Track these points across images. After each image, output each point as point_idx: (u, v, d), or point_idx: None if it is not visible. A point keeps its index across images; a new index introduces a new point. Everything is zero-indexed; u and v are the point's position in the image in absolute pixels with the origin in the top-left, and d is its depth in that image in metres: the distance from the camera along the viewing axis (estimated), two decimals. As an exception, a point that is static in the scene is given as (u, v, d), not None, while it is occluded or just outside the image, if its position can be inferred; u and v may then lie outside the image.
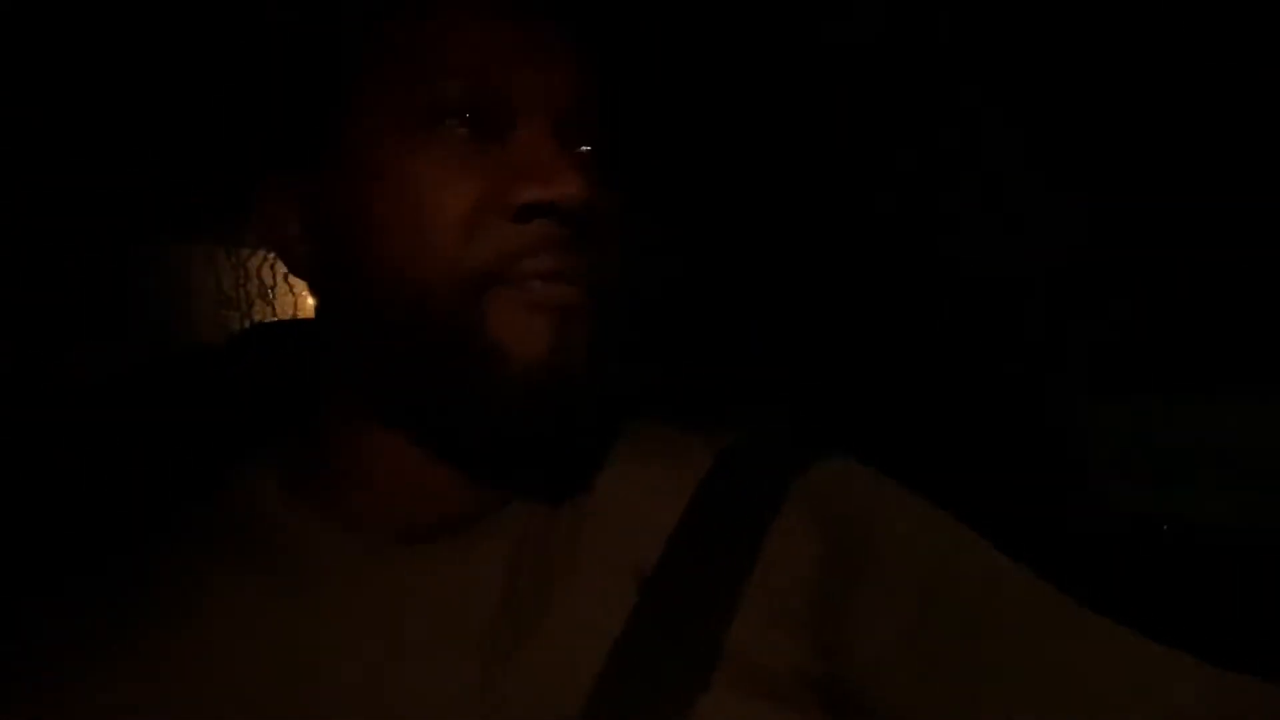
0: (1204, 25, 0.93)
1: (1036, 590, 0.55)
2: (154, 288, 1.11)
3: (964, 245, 1.12)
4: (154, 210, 1.01)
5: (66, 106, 0.82)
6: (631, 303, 0.56)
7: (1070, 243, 1.07)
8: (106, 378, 0.72)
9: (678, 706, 0.49)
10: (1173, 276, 1.02)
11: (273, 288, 1.17)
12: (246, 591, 0.51)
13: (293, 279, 1.43)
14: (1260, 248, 0.96)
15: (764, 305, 1.11)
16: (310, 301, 0.58)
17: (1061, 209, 1.06)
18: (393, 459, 0.54)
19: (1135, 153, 1.02)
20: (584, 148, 0.54)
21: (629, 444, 0.60)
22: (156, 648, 0.49)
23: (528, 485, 0.55)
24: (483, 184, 0.50)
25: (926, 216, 1.11)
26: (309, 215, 0.54)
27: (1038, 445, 1.11)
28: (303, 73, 0.56)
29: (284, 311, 1.17)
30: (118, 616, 0.51)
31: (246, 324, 1.18)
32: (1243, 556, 0.95)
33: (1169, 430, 1.04)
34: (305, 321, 0.65)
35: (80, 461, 0.63)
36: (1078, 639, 0.53)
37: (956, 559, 0.56)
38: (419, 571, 0.52)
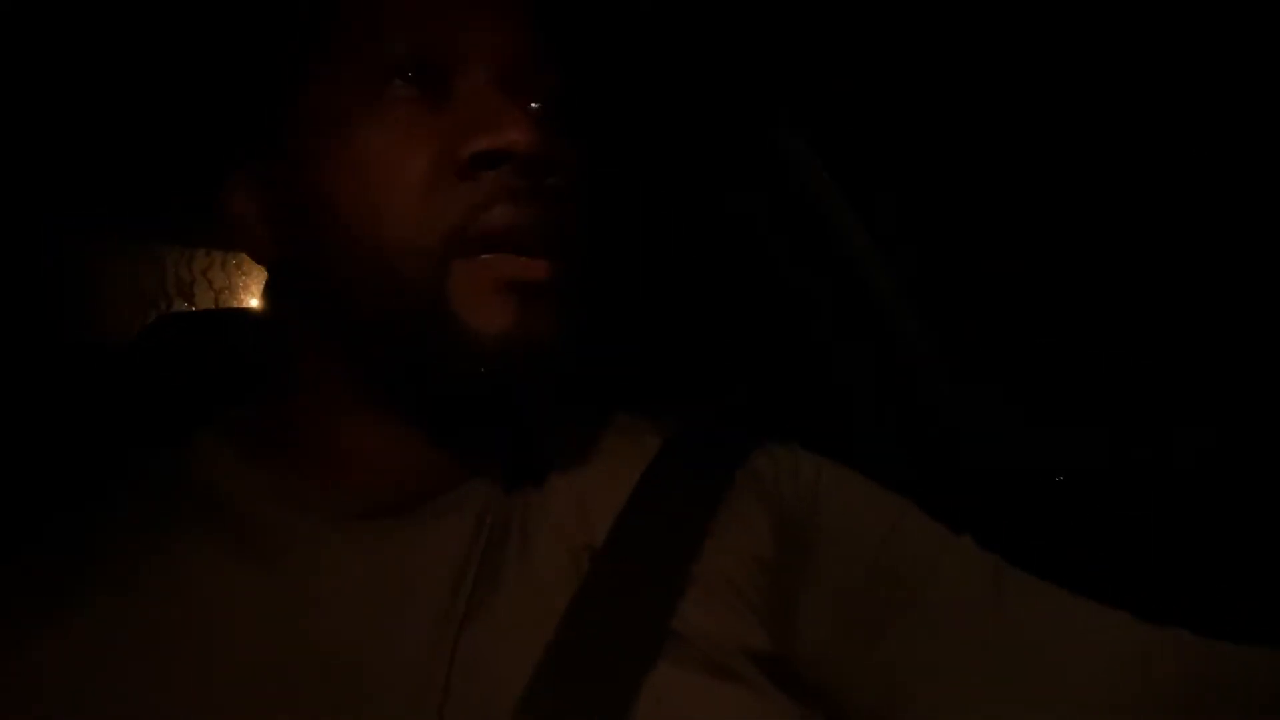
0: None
1: (981, 563, 0.56)
2: (72, 288, 1.11)
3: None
4: (73, 210, 1.00)
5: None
6: (591, 281, 0.56)
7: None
8: (33, 362, 0.73)
9: (625, 681, 0.49)
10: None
11: (191, 283, 1.19)
12: (198, 557, 0.51)
13: (210, 275, 1.44)
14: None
15: (713, 292, 1.11)
16: (237, 297, 0.60)
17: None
18: (351, 435, 0.54)
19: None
20: (535, 101, 0.53)
21: (585, 426, 0.61)
22: (104, 608, 0.49)
23: (485, 464, 0.55)
24: (434, 143, 0.49)
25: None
26: (269, 196, 0.54)
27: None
28: (256, 48, 0.56)
29: (204, 307, 1.19)
30: (66, 578, 0.51)
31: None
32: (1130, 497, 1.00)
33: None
34: (222, 312, 0.68)
35: (20, 431, 0.64)
36: (1023, 607, 0.54)
37: (900, 538, 0.57)
38: (374, 545, 0.52)
